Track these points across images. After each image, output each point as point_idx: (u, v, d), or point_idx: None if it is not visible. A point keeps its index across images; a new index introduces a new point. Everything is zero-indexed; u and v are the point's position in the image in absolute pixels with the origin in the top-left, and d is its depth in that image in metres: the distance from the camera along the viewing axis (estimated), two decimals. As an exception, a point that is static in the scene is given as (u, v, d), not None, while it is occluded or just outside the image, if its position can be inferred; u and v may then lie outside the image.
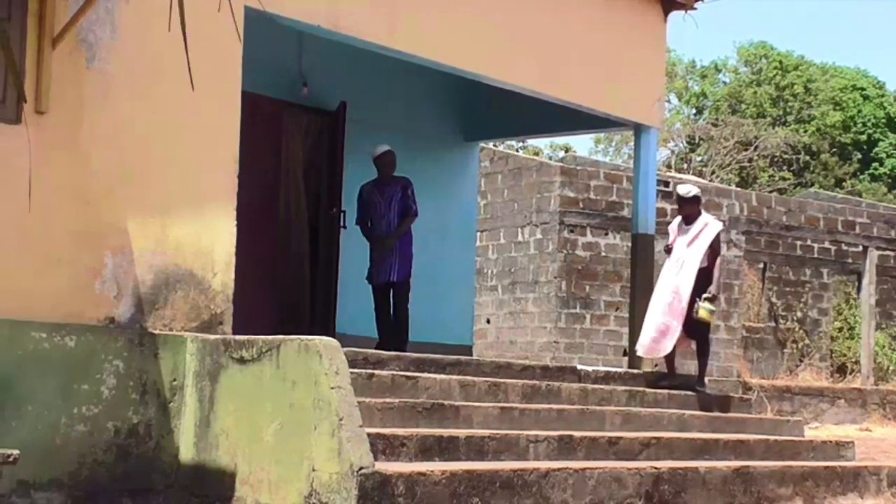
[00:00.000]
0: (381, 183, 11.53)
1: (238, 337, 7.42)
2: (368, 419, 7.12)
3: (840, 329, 24.48)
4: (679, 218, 11.46)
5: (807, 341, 23.80)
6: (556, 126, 13.80)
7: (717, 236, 11.24)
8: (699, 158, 38.97)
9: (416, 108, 13.54)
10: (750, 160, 38.02)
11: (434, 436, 7.41)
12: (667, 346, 11.13)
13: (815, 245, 23.66)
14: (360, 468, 6.26)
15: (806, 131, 40.10)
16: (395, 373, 8.46)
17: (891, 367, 23.52)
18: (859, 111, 41.04)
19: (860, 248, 23.16)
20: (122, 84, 7.65)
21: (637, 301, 12.36)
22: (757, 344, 23.47)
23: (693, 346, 11.66)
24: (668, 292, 11.07)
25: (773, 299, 24.04)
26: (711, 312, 11.14)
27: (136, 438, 7.37)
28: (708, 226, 11.23)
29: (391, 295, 11.48)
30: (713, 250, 11.19)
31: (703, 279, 11.05)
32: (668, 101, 40.27)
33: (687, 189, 11.41)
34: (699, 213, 11.34)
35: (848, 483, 9.36)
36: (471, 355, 13.40)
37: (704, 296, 11.05)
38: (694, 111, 43.83)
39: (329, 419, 6.47)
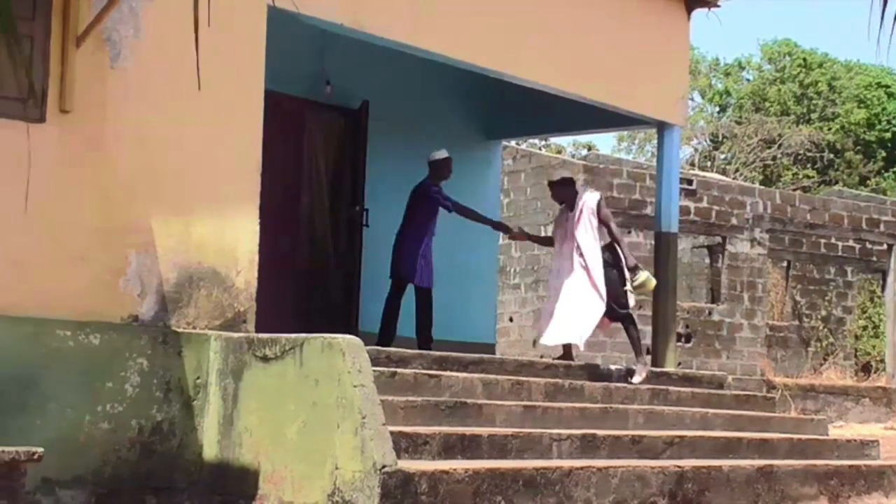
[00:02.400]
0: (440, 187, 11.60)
1: (261, 335, 7.43)
2: (391, 417, 7.12)
3: (864, 327, 24.41)
4: (559, 213, 11.36)
5: (831, 340, 23.74)
6: (578, 124, 13.79)
7: (598, 205, 10.87)
8: (722, 156, 38.87)
9: (439, 106, 13.52)
10: (774, 158, 37.90)
11: (457, 434, 7.41)
12: (583, 334, 10.87)
13: (840, 243, 23.59)
14: (383, 466, 6.26)
15: (830, 129, 39.93)
16: (417, 371, 8.47)
17: (915, 366, 23.42)
18: (884, 108, 40.82)
19: (885, 246, 23.10)
20: (145, 83, 7.67)
21: (661, 300, 12.33)
22: (781, 342, 23.42)
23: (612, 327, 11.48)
24: (576, 280, 10.78)
25: (798, 298, 23.98)
26: (647, 281, 10.92)
27: (159, 436, 7.39)
28: (585, 200, 10.91)
29: (419, 298, 11.46)
30: (602, 221, 10.86)
31: (603, 256, 10.84)
32: (692, 99, 40.18)
33: (557, 175, 11.53)
34: (575, 194, 11.07)
35: (872, 482, 9.33)
36: (493, 353, 13.40)
37: (630, 274, 10.78)
38: (717, 109, 43.69)
39: (352, 417, 6.47)
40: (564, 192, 11.13)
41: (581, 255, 10.75)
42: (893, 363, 22.21)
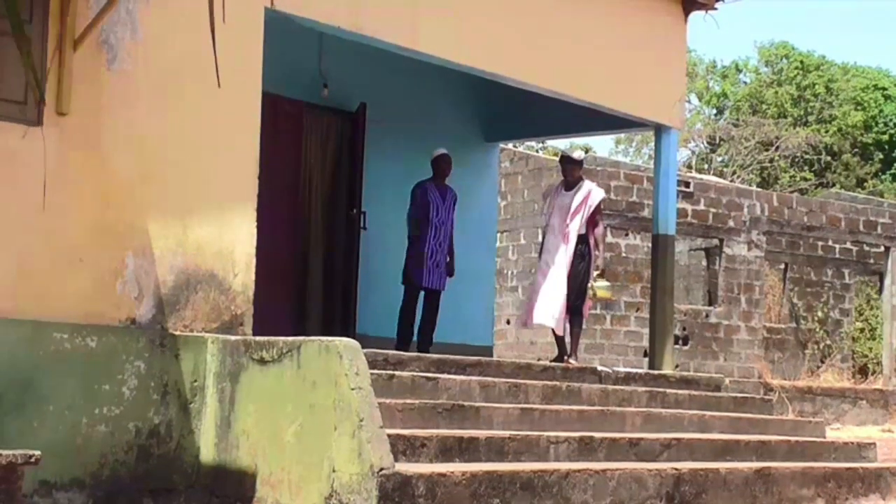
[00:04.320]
0: (439, 185, 11.60)
1: (258, 338, 7.43)
2: (389, 420, 7.12)
3: (861, 330, 24.43)
4: (554, 187, 11.74)
5: (828, 342, 23.75)
6: (576, 126, 13.78)
7: (600, 205, 11.42)
8: (720, 159, 38.90)
9: (437, 108, 13.53)
10: (771, 160, 37.92)
11: (454, 436, 7.40)
12: (562, 321, 11.29)
13: (837, 245, 23.62)
14: (381, 469, 6.26)
15: (827, 131, 39.96)
16: (415, 374, 8.46)
17: (913, 368, 23.45)
18: (881, 111, 40.87)
19: (882, 248, 23.11)
20: (142, 85, 7.67)
21: (658, 302, 12.33)
22: (778, 345, 23.43)
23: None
24: (562, 267, 11.18)
25: (795, 300, 24.00)
26: (610, 289, 11.44)
27: (157, 439, 7.39)
28: (591, 193, 11.40)
29: (425, 300, 11.54)
30: (595, 220, 11.36)
31: (578, 246, 11.24)
32: (689, 102, 40.17)
33: (578, 153, 11.86)
34: (581, 179, 11.57)
35: (870, 484, 9.32)
36: (491, 356, 13.40)
37: (596, 274, 11.27)
38: (714, 111, 43.71)
39: (349, 420, 6.47)
40: (576, 171, 11.57)
41: (567, 240, 11.15)
42: (890, 365, 22.22)
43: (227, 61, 8.04)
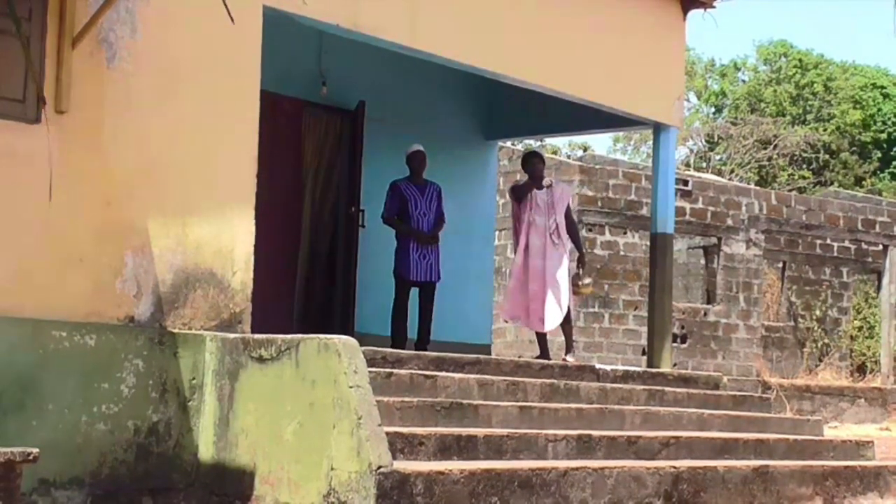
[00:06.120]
0: (416, 182, 11.61)
1: (257, 336, 7.44)
2: (387, 418, 7.13)
3: (860, 328, 24.43)
4: (527, 186, 11.70)
5: (826, 340, 23.76)
6: (574, 125, 13.78)
7: (570, 198, 11.73)
8: (718, 157, 38.87)
9: (436, 106, 13.53)
10: (769, 159, 37.91)
11: (453, 435, 7.41)
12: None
13: (835, 244, 23.62)
14: (379, 467, 6.27)
15: (826, 130, 39.95)
16: (413, 372, 8.46)
17: (911, 367, 23.46)
18: (879, 109, 40.87)
19: (880, 246, 23.13)
20: (142, 84, 7.67)
21: (656, 301, 12.34)
22: (776, 343, 23.44)
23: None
24: (562, 269, 11.32)
25: (793, 298, 24.00)
26: (591, 284, 11.90)
27: (155, 437, 7.39)
28: (564, 189, 11.69)
29: (419, 294, 11.55)
30: (569, 214, 11.61)
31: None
32: (687, 100, 40.18)
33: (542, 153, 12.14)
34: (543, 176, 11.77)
35: (868, 483, 9.33)
36: (490, 354, 13.40)
37: (580, 271, 11.59)
38: (713, 110, 43.71)
39: (348, 418, 6.48)
40: (541, 168, 11.66)
41: (560, 238, 11.32)
42: (888, 364, 22.24)
43: (227, 60, 8.09)
